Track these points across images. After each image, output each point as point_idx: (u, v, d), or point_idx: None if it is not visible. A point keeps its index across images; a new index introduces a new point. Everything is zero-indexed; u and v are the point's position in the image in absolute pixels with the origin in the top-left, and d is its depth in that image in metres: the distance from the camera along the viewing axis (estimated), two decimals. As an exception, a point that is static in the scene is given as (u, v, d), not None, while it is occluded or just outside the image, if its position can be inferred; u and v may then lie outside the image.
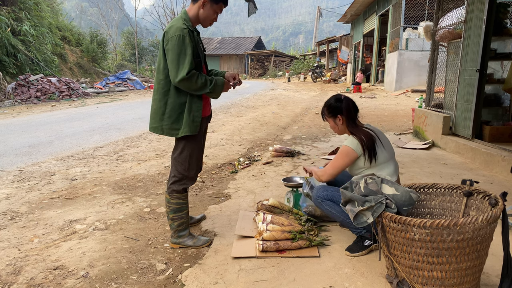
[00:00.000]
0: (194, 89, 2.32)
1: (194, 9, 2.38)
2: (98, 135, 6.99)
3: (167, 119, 2.37)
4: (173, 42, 2.24)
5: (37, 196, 3.68)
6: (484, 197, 2.02)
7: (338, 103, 2.54)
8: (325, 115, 2.61)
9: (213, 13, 2.41)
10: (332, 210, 2.47)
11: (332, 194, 2.47)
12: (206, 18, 2.40)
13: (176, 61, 2.24)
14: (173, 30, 2.27)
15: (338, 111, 2.52)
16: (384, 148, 2.42)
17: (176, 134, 2.39)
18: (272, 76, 36.58)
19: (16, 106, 12.25)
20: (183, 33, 2.25)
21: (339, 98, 2.56)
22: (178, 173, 2.48)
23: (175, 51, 2.24)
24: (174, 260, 2.43)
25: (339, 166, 2.43)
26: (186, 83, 2.26)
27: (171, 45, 2.25)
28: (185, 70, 2.23)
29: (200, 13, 2.37)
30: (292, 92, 18.33)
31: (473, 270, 1.82)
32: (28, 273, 2.26)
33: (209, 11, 2.38)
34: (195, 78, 2.27)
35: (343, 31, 48.35)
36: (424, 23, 12.56)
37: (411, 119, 7.43)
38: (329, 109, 2.56)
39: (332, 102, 2.56)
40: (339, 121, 2.53)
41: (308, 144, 6.05)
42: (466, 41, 5.14)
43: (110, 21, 52.49)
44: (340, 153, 2.44)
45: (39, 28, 17.53)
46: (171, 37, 2.25)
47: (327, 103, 2.59)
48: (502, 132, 4.98)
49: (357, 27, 23.12)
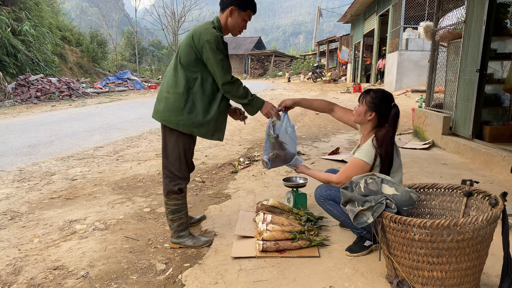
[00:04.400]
0: (235, 95, 2.37)
1: (223, 17, 2.41)
2: (98, 135, 6.99)
3: (186, 114, 2.35)
4: (215, 45, 2.25)
5: (37, 196, 3.68)
6: (484, 197, 2.02)
7: (386, 103, 2.31)
8: (364, 99, 2.36)
9: (242, 21, 2.42)
10: (334, 211, 2.46)
11: (335, 194, 2.43)
12: (235, 26, 2.42)
13: (221, 63, 2.28)
14: (211, 33, 2.27)
15: (379, 110, 2.31)
16: (397, 156, 2.34)
17: (191, 132, 2.39)
18: (272, 76, 36.57)
19: (16, 106, 12.25)
20: (219, 40, 2.28)
21: (390, 100, 2.33)
22: (170, 173, 2.47)
23: (218, 54, 2.26)
24: (174, 260, 2.43)
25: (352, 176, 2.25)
26: (229, 86, 2.33)
27: (212, 48, 2.25)
28: (230, 74, 2.31)
29: (228, 22, 2.40)
30: (292, 92, 18.32)
31: (473, 270, 1.82)
32: (28, 273, 2.26)
33: (237, 19, 2.40)
34: (238, 84, 2.35)
35: (343, 31, 48.35)
36: (424, 23, 12.56)
37: (411, 119, 7.43)
38: (375, 99, 2.32)
39: (382, 96, 2.33)
40: (369, 115, 2.33)
41: (308, 144, 6.05)
42: (466, 41, 5.14)
43: (110, 21, 52.44)
44: (354, 166, 2.30)
45: (39, 28, 17.52)
46: (211, 39, 2.25)
47: (376, 94, 2.35)
48: (502, 132, 4.97)
49: (357, 27, 23.11)
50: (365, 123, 2.39)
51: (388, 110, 2.30)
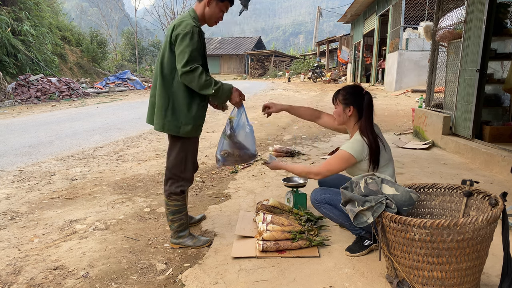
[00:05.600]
0: (196, 86, 2.25)
1: (200, 7, 2.38)
2: (98, 135, 6.99)
3: (170, 116, 2.33)
4: (184, 36, 2.21)
5: (37, 196, 3.68)
6: (484, 197, 2.02)
7: (358, 95, 2.37)
8: (337, 99, 2.42)
9: (219, 11, 2.40)
10: (330, 214, 2.47)
11: (330, 198, 2.44)
12: (212, 16, 2.40)
13: (184, 53, 2.21)
14: (184, 25, 2.25)
15: (353, 103, 2.36)
16: (386, 150, 2.37)
17: (177, 132, 2.35)
18: (272, 76, 36.56)
19: (16, 106, 12.25)
20: (194, 30, 2.24)
21: (360, 90, 2.39)
22: (174, 175, 2.46)
23: (185, 44, 2.21)
24: (174, 260, 2.43)
25: (335, 170, 2.33)
26: (188, 76, 2.21)
27: (181, 39, 2.22)
28: (191, 64, 2.20)
29: (206, 12, 2.37)
30: (292, 92, 18.32)
31: (473, 270, 1.82)
32: (28, 273, 2.26)
33: (214, 9, 2.37)
34: (198, 72, 2.22)
35: (343, 31, 48.35)
36: (424, 23, 12.56)
37: (411, 119, 7.43)
38: (346, 95, 2.38)
39: (352, 90, 2.39)
40: (348, 111, 2.38)
41: (308, 144, 6.05)
42: (466, 41, 5.14)
43: (110, 21, 52.45)
44: (338, 158, 2.31)
45: (39, 28, 17.53)
46: (182, 31, 2.22)
47: (346, 89, 2.41)
48: (502, 132, 4.97)
49: (357, 27, 23.11)
50: (348, 120, 2.42)
51: (362, 99, 2.36)
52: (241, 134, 2.47)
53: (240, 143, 2.49)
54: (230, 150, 2.49)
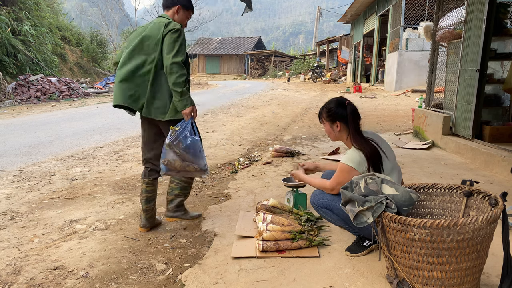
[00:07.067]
0: (175, 78, 2.46)
1: (170, 14, 2.73)
2: (98, 135, 7.00)
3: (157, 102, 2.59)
4: (177, 31, 2.52)
5: (37, 196, 3.68)
6: (484, 197, 2.02)
7: (340, 109, 2.36)
8: (322, 118, 2.44)
9: (186, 18, 2.78)
10: (329, 218, 2.48)
11: (328, 203, 2.43)
12: (181, 22, 2.75)
13: (177, 44, 2.49)
14: (174, 23, 2.56)
15: (338, 117, 2.36)
16: (388, 158, 2.32)
17: (163, 118, 2.59)
18: (272, 76, 36.58)
19: (16, 106, 12.25)
20: (182, 29, 2.57)
21: (342, 103, 2.37)
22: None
23: (178, 37, 2.51)
24: (174, 260, 2.43)
25: (343, 182, 2.26)
26: (178, 67, 2.45)
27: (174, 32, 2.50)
28: (183, 56, 2.48)
29: (175, 18, 2.73)
30: (292, 92, 18.33)
31: (473, 270, 1.82)
32: (28, 273, 2.26)
33: (182, 16, 2.76)
34: (185, 70, 2.48)
35: (343, 31, 48.33)
36: (424, 23, 12.57)
37: (411, 119, 7.43)
38: (329, 112, 2.39)
39: (334, 106, 2.38)
40: (336, 127, 2.38)
41: (308, 144, 6.05)
42: (466, 41, 5.14)
43: (110, 21, 52.39)
44: (341, 171, 2.31)
45: (39, 28, 17.52)
46: (175, 26, 2.53)
47: (328, 106, 2.41)
48: (502, 132, 4.97)
49: (357, 27, 23.12)
50: (340, 136, 2.44)
51: (346, 111, 2.37)
52: (180, 145, 2.52)
53: (182, 154, 2.54)
54: (171, 160, 2.55)
